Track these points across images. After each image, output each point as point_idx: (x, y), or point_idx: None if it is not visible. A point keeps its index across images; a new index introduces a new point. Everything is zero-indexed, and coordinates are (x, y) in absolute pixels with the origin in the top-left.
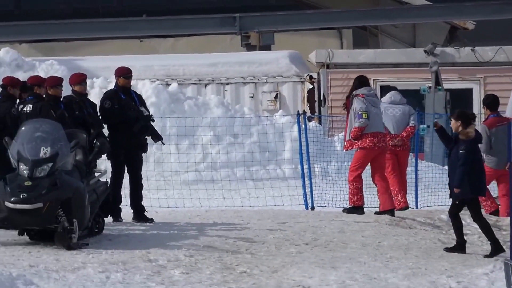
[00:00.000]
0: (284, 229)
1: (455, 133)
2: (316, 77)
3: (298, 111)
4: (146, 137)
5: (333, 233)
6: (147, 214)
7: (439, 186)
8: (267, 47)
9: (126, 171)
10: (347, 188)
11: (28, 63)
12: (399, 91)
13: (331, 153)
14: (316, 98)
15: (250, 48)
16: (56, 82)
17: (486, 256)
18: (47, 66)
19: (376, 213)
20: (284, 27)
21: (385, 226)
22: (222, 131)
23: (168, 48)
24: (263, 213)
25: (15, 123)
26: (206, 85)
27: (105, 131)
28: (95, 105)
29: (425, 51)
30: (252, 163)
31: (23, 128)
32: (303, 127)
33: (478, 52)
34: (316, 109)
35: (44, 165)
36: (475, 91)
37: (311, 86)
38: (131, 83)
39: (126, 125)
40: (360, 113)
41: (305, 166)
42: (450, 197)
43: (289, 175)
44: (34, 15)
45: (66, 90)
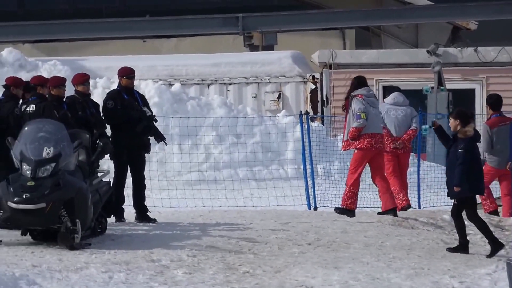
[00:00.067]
0: (287, 229)
1: (454, 132)
2: (319, 77)
3: (301, 111)
4: (149, 137)
5: (336, 233)
6: (150, 214)
7: (442, 186)
8: (270, 47)
9: (129, 171)
10: None
11: (31, 63)
12: (402, 92)
13: (334, 153)
14: (319, 98)
15: (253, 48)
16: (59, 82)
17: (488, 256)
18: (50, 66)
19: (379, 214)
20: (287, 27)
21: (388, 227)
22: (225, 131)
23: (171, 48)
24: (266, 213)
25: (18, 123)
26: (209, 85)
27: (108, 131)
28: (98, 105)
29: (428, 51)
30: (255, 163)
31: (26, 128)
32: (306, 127)
33: (481, 52)
34: (319, 109)
35: (47, 165)
36: (478, 91)
37: (314, 86)
38: (134, 83)
39: (129, 125)
40: (359, 114)
41: (308, 166)
42: (448, 196)
43: (292, 175)
44: (37, 15)
45: (69, 90)
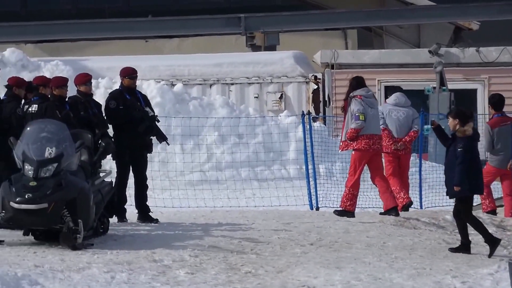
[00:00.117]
0: (289, 230)
1: (453, 132)
2: (321, 78)
3: (303, 112)
4: (151, 138)
5: (338, 234)
6: (152, 215)
7: (443, 187)
8: (272, 48)
9: (131, 172)
10: None
11: (34, 63)
12: (404, 92)
13: (336, 154)
14: (321, 99)
15: (255, 49)
16: (62, 83)
17: (489, 255)
18: (53, 67)
19: (381, 214)
20: (289, 28)
21: (390, 227)
22: (227, 132)
23: (173, 49)
24: (268, 214)
25: (21, 124)
26: (211, 86)
27: (110, 132)
28: (100, 106)
29: (430, 52)
30: (257, 164)
31: (28, 129)
32: (308, 128)
33: (483, 53)
34: (321, 110)
35: (49, 166)
36: (480, 92)
37: (316, 87)
38: (136, 84)
39: (131, 126)
40: (357, 115)
41: (310, 167)
42: (447, 195)
43: (294, 176)
44: (40, 16)
45: (72, 91)
